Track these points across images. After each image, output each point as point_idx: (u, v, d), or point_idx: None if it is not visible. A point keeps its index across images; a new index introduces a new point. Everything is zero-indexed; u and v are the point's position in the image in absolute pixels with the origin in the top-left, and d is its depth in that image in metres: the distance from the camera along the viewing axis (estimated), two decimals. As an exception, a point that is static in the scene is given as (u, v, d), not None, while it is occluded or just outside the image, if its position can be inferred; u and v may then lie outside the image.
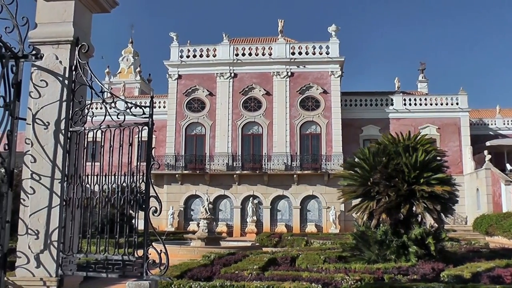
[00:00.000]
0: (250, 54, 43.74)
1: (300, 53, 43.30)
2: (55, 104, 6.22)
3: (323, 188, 40.55)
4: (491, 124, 51.55)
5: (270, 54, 43.45)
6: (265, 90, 42.68)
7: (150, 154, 6.00)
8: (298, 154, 41.43)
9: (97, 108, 9.56)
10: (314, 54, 43.19)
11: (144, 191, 5.92)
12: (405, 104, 44.22)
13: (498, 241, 29.76)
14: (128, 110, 6.09)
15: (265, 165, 41.30)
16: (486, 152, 39.92)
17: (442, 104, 44.16)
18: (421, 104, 44.35)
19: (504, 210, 35.10)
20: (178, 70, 43.72)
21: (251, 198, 41.03)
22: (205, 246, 22.76)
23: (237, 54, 43.65)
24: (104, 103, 6.22)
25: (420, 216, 15.88)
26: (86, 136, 6.43)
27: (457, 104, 43.92)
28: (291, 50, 43.35)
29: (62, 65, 6.30)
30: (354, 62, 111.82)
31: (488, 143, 45.32)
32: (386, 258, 14.71)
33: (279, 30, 43.82)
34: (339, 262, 14.80)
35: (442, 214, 15.88)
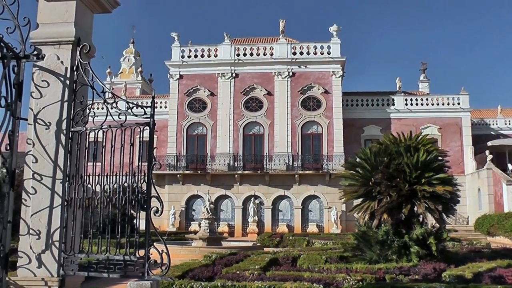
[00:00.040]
0: (251, 54, 43.72)
1: (301, 53, 43.26)
2: (57, 104, 6.23)
3: (325, 188, 40.52)
4: (493, 124, 51.48)
5: (272, 54, 43.42)
6: (266, 90, 42.66)
7: (151, 154, 6.00)
8: (300, 154, 41.39)
9: (98, 108, 9.59)
10: (315, 54, 43.14)
11: (145, 191, 5.92)
12: (406, 104, 44.17)
13: (500, 241, 29.72)
14: (129, 110, 6.10)
15: (266, 165, 41.26)
16: (487, 152, 39.88)
17: (443, 104, 44.11)
18: (422, 104, 44.30)
19: (505, 210, 35.04)
20: (180, 70, 43.71)
21: (253, 198, 41.00)
22: (206, 246, 22.76)
23: (238, 54, 43.63)
24: (105, 103, 6.23)
25: (421, 216, 15.87)
26: (87, 136, 6.43)
27: (458, 104, 43.87)
28: (293, 50, 43.31)
29: (63, 65, 6.30)
30: (355, 62, 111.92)
31: (489, 143, 45.30)
32: (387, 258, 14.71)
33: (281, 30, 43.80)
34: (341, 262, 14.81)
35: (443, 214, 15.87)
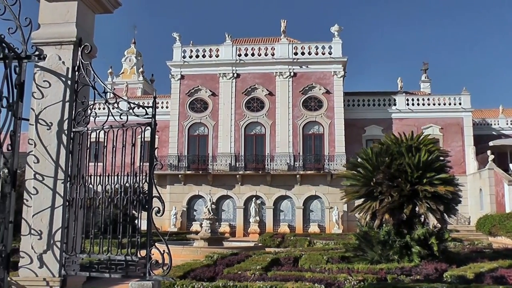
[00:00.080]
0: (252, 55, 43.71)
1: (302, 53, 43.25)
2: (58, 104, 6.23)
3: (326, 188, 40.50)
4: (494, 124, 51.40)
5: (273, 54, 43.41)
6: (267, 90, 42.64)
7: (153, 155, 6.01)
8: (301, 154, 41.37)
9: (100, 108, 9.60)
10: (316, 54, 43.12)
11: (147, 192, 5.93)
12: (408, 104, 44.14)
13: (501, 241, 29.70)
14: (131, 111, 6.10)
15: (268, 165, 41.23)
16: (489, 152, 39.83)
17: (445, 104, 44.07)
18: (424, 104, 44.26)
19: (507, 210, 35.01)
20: (181, 71, 43.71)
21: (254, 198, 40.99)
22: (208, 246, 22.75)
23: (239, 55, 43.62)
24: (107, 104, 6.23)
25: (423, 216, 15.87)
26: (89, 136, 6.43)
27: (460, 104, 43.82)
28: (294, 50, 43.28)
29: (65, 65, 6.30)
30: (357, 62, 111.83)
31: (491, 143, 45.24)
32: (389, 259, 14.71)
33: (282, 30, 43.78)
34: (342, 262, 14.81)
35: (445, 214, 15.86)
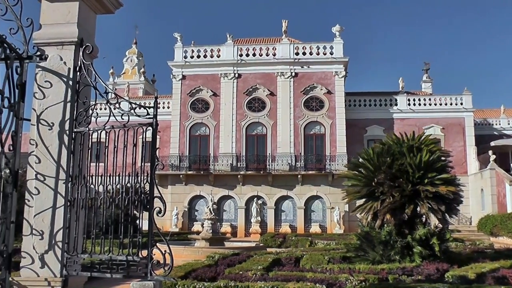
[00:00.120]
0: (254, 55, 43.69)
1: (304, 53, 43.23)
2: (60, 105, 6.24)
3: (327, 188, 40.48)
4: (496, 124, 51.35)
5: (274, 55, 43.40)
6: (269, 90, 42.63)
7: (154, 155, 6.01)
8: (302, 154, 41.34)
9: (101, 108, 9.60)
10: (318, 54, 43.11)
11: (148, 192, 5.93)
12: (409, 104, 44.09)
13: (503, 241, 29.69)
14: (132, 111, 6.10)
15: (269, 165, 41.22)
16: (490, 152, 39.78)
17: (446, 104, 44.01)
18: (425, 104, 44.21)
19: (509, 210, 34.94)
20: (182, 71, 43.71)
21: (255, 198, 40.98)
22: (209, 246, 22.75)
23: (241, 55, 43.60)
24: (108, 104, 6.24)
25: (424, 216, 15.86)
26: (90, 136, 6.44)
27: (461, 104, 43.76)
28: (295, 51, 43.27)
29: (66, 66, 6.31)
30: (358, 62, 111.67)
31: (492, 143, 45.17)
32: (390, 259, 14.70)
33: (283, 30, 43.77)
34: (344, 262, 14.81)
35: (446, 215, 15.85)
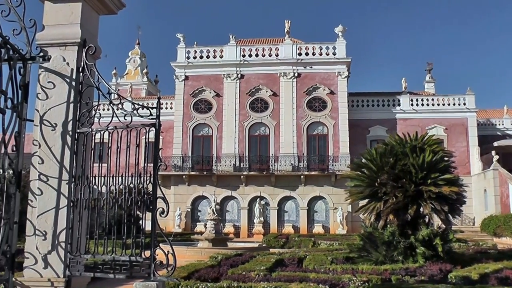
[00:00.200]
0: (256, 55, 43.69)
1: (307, 53, 43.21)
2: (63, 105, 6.25)
3: (330, 189, 40.45)
4: (499, 124, 51.24)
5: (277, 55, 43.38)
6: (272, 91, 42.62)
7: (157, 155, 6.02)
8: (305, 155, 41.32)
9: (104, 109, 9.60)
10: (321, 54, 43.08)
11: (151, 192, 5.94)
12: (412, 104, 44.03)
13: (506, 242, 29.63)
14: (135, 111, 6.11)
15: (272, 166, 41.20)
16: (493, 152, 39.70)
17: (449, 104, 43.93)
18: (428, 104, 44.13)
19: (512, 211, 34.92)
20: (185, 71, 43.74)
21: (258, 199, 40.94)
22: (212, 247, 22.75)
23: (243, 55, 43.61)
24: (111, 105, 6.24)
25: (427, 217, 15.84)
26: (93, 137, 6.45)
27: (464, 104, 43.68)
28: (298, 51, 43.26)
29: (69, 66, 6.32)
30: (361, 62, 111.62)
31: (495, 144, 45.10)
32: (393, 259, 14.68)
33: (286, 31, 43.74)
34: (346, 263, 14.79)
35: (449, 215, 15.83)
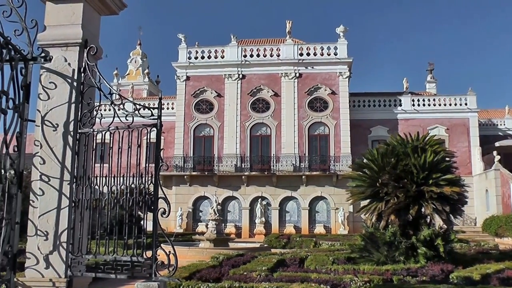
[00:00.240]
0: (258, 55, 43.69)
1: (308, 54, 43.20)
2: (64, 106, 6.25)
3: (332, 189, 40.43)
4: (500, 124, 51.18)
5: (278, 55, 43.38)
6: (273, 91, 42.62)
7: (158, 156, 6.02)
8: (307, 155, 41.31)
9: (105, 109, 9.62)
10: (322, 55, 43.06)
11: (152, 193, 5.94)
12: (413, 104, 44.02)
13: (508, 242, 29.58)
14: (136, 112, 6.11)
15: (273, 166, 41.20)
16: (495, 152, 39.67)
17: (450, 104, 43.92)
18: (429, 104, 44.12)
19: (513, 211, 34.86)
20: (186, 72, 43.75)
21: (260, 199, 40.95)
22: (213, 247, 22.74)
23: (245, 55, 43.62)
24: (112, 105, 6.25)
25: (429, 217, 15.83)
26: (94, 137, 6.45)
27: (465, 104, 43.67)
28: (299, 51, 43.24)
29: (70, 67, 6.32)
30: (362, 62, 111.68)
31: (497, 144, 45.05)
32: (395, 260, 14.67)
33: (287, 31, 43.75)
34: (348, 263, 14.78)
35: (451, 215, 15.81)
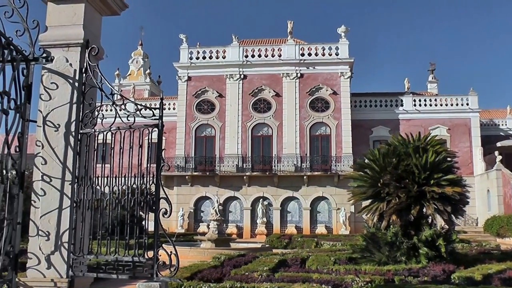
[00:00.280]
0: (259, 56, 43.68)
1: (309, 54, 43.19)
2: (66, 106, 6.26)
3: (333, 189, 40.41)
4: (502, 124, 51.16)
5: (280, 56, 43.37)
6: (274, 91, 42.62)
7: (160, 156, 6.02)
8: (308, 155, 41.29)
9: (107, 110, 9.60)
10: (323, 55, 43.05)
11: (154, 193, 5.94)
12: (415, 105, 43.97)
13: (509, 242, 29.57)
14: (138, 112, 6.11)
15: (275, 166, 41.19)
16: (496, 153, 39.64)
17: (452, 104, 43.86)
18: (431, 104, 44.06)
19: (515, 211, 34.82)
20: (188, 72, 43.76)
21: (261, 199, 40.94)
22: (215, 247, 22.75)
23: (246, 56, 43.61)
24: (114, 105, 6.26)
25: (430, 217, 15.81)
26: (96, 138, 6.46)
27: (467, 104, 43.60)
28: (301, 51, 43.23)
29: (72, 67, 6.33)
30: (363, 63, 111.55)
31: (499, 144, 45.03)
32: (396, 260, 14.66)
33: (289, 31, 43.73)
34: (349, 263, 14.77)
35: (452, 216, 15.79)
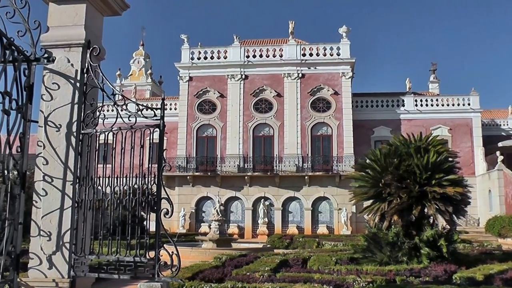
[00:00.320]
0: (261, 56, 43.70)
1: (311, 54, 43.20)
2: (67, 106, 6.26)
3: (335, 189, 40.41)
4: (503, 124, 51.13)
5: (281, 56, 43.39)
6: (276, 91, 42.63)
7: (161, 156, 6.02)
8: (309, 155, 41.29)
9: (108, 110, 9.60)
10: (325, 55, 43.05)
11: (155, 193, 5.95)
12: (416, 105, 43.95)
13: (511, 243, 29.51)
14: (139, 112, 6.12)
15: (276, 166, 41.21)
16: (498, 153, 39.59)
17: (453, 104, 43.84)
18: (432, 105, 44.04)
19: (517, 211, 34.78)
20: (189, 72, 43.78)
21: (262, 199, 40.96)
22: (216, 247, 22.77)
23: (248, 56, 43.63)
24: (115, 106, 6.26)
25: (432, 217, 15.80)
26: (97, 138, 6.46)
27: (468, 104, 43.57)
28: (302, 52, 43.24)
29: (73, 68, 6.34)
30: (365, 63, 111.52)
31: (500, 144, 44.97)
32: (398, 260, 14.65)
33: (290, 31, 43.75)
34: (351, 263, 14.77)
35: (454, 216, 15.78)
